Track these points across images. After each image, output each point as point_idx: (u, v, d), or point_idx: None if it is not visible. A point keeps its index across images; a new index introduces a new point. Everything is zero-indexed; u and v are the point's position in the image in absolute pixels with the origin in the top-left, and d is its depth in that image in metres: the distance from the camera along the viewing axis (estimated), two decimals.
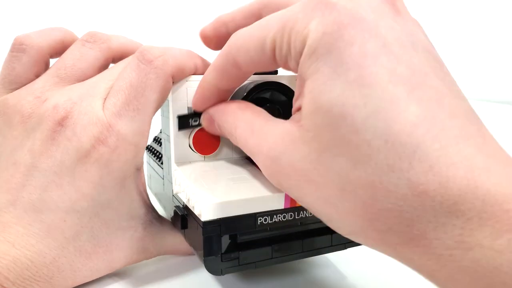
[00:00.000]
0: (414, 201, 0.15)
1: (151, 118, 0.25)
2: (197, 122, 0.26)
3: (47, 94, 0.25)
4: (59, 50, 0.27)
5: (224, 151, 0.27)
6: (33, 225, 0.23)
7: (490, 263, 0.14)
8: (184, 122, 0.26)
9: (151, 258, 0.28)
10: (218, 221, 0.21)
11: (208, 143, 0.26)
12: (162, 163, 0.30)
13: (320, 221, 0.21)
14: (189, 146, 0.26)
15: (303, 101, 0.18)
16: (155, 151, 0.35)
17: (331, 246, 0.24)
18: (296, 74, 0.19)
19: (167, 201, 0.29)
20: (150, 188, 0.36)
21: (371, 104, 0.16)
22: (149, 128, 0.25)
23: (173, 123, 0.26)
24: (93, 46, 0.26)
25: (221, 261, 0.22)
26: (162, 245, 0.28)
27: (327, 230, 0.24)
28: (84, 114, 0.24)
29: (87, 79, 0.26)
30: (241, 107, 0.23)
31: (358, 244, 0.24)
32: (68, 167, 0.23)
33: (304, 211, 0.23)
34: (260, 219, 0.22)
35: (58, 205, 0.23)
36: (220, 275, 0.22)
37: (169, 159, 0.27)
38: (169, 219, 0.29)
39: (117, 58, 0.28)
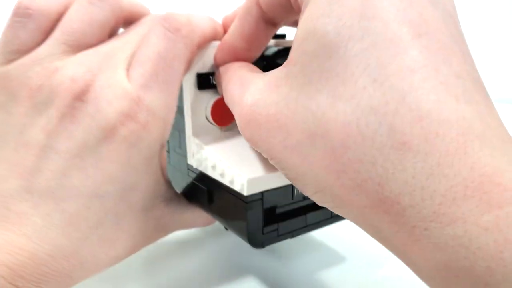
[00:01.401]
0: (391, 154, 0.13)
1: (178, 90, 0.23)
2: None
3: (58, 64, 0.21)
4: (65, 12, 0.23)
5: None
6: (52, 215, 0.20)
7: (473, 242, 0.12)
8: (204, 80, 0.24)
9: (169, 234, 0.27)
10: (260, 194, 0.21)
11: (226, 113, 0.24)
12: None
13: None
14: (206, 117, 0.25)
15: (296, 32, 0.17)
16: None
17: None
18: None
19: (176, 174, 0.28)
20: None
21: (369, 38, 0.14)
22: (176, 101, 0.23)
23: (189, 89, 0.24)
24: (103, 6, 0.22)
25: (262, 234, 0.22)
26: (180, 221, 0.27)
27: None
28: (107, 87, 0.21)
29: (96, 45, 0.23)
30: (241, 65, 0.22)
31: None
32: (91, 148, 0.20)
33: None
34: (297, 190, 0.22)
35: (81, 190, 0.20)
36: (261, 247, 0.22)
37: (180, 131, 0.26)
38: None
39: (127, 21, 0.25)
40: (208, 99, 0.25)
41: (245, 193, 0.21)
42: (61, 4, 0.23)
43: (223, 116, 0.25)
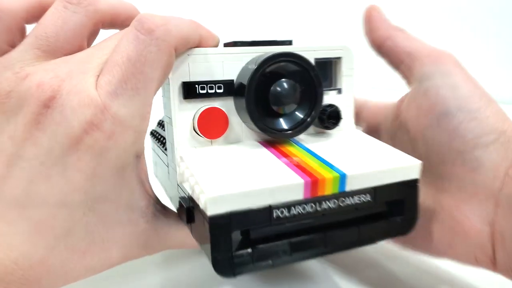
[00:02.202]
0: None
1: (152, 98, 0.22)
2: (205, 90, 0.23)
3: (28, 70, 0.21)
4: (36, 15, 0.23)
5: (234, 134, 0.24)
6: (17, 222, 0.20)
7: None
8: (190, 89, 0.23)
9: (155, 253, 0.25)
10: (227, 215, 0.18)
11: (215, 125, 0.23)
12: (166, 149, 0.28)
13: (345, 212, 0.20)
14: (194, 129, 0.23)
15: None
16: (159, 136, 0.32)
17: (358, 240, 0.22)
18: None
19: (173, 191, 0.27)
20: (157, 176, 0.34)
21: None
22: (150, 109, 0.22)
23: (174, 98, 0.23)
24: (77, 9, 0.22)
25: (233, 261, 0.19)
26: (166, 239, 0.25)
27: (353, 222, 0.22)
28: (74, 94, 0.20)
29: (73, 50, 0.22)
30: None
31: (388, 237, 0.24)
32: (57, 156, 0.20)
33: (327, 201, 0.20)
34: (276, 212, 0.19)
35: (47, 199, 0.20)
36: (232, 277, 0.20)
37: (172, 144, 0.24)
38: (176, 211, 0.26)
39: (107, 23, 0.24)
40: (195, 109, 0.23)
41: (208, 212, 0.18)
42: (28, 1, 0.23)
43: (211, 128, 0.23)
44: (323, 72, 0.27)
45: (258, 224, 0.19)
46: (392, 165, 0.22)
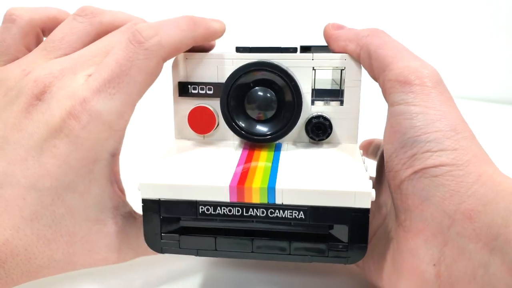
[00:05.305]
0: None
1: (135, 101, 0.23)
2: (196, 90, 0.26)
3: (31, 67, 0.24)
4: (51, 27, 0.27)
5: (226, 132, 0.26)
6: None
7: None
8: (184, 88, 0.26)
9: (127, 260, 0.25)
10: (156, 201, 0.21)
11: (203, 122, 0.26)
12: None
13: (284, 225, 0.21)
14: (187, 124, 0.26)
15: None
16: None
17: (289, 254, 0.22)
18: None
19: None
20: None
21: None
22: (131, 110, 0.23)
23: (173, 95, 0.26)
24: (83, 20, 0.26)
25: (161, 239, 0.22)
26: (138, 245, 0.25)
27: (286, 236, 0.22)
28: (62, 88, 0.22)
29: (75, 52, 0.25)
30: None
31: (326, 261, 0.22)
32: (36, 141, 0.22)
33: (255, 209, 0.21)
34: (202, 208, 0.21)
35: (20, 180, 0.22)
36: (160, 253, 0.23)
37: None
38: None
39: (108, 32, 0.26)
40: (188, 106, 0.26)
41: (141, 195, 0.21)
42: (45, 13, 0.27)
43: (199, 124, 0.26)
44: (323, 83, 0.26)
45: (186, 215, 0.21)
46: (336, 188, 0.21)
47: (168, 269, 0.29)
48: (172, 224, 0.22)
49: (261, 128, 0.25)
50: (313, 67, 0.25)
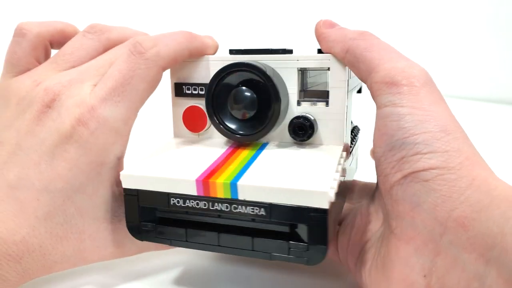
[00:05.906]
0: None
1: (138, 107, 0.26)
2: (190, 91, 0.28)
3: (42, 78, 0.26)
4: (60, 40, 0.29)
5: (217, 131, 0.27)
6: (6, 201, 0.23)
7: None
8: (179, 89, 0.28)
9: (132, 255, 0.27)
10: (135, 191, 0.23)
11: (195, 120, 0.28)
12: None
13: (247, 221, 0.22)
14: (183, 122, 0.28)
15: None
16: None
17: (253, 250, 0.22)
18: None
19: None
20: None
21: None
22: (135, 116, 0.26)
23: (171, 95, 0.28)
24: (92, 37, 0.28)
25: (140, 228, 0.24)
26: (140, 241, 0.26)
27: (249, 232, 0.22)
28: (71, 97, 0.24)
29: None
30: None
31: (288, 260, 0.22)
32: (48, 146, 0.24)
33: (219, 203, 0.22)
34: (173, 200, 0.23)
35: (34, 183, 0.23)
36: (140, 240, 0.24)
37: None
38: None
39: (115, 46, 0.29)
40: (184, 106, 0.28)
41: (123, 185, 0.24)
42: (54, 27, 0.28)
43: (192, 123, 0.28)
44: (305, 83, 0.26)
45: (160, 206, 0.23)
46: (294, 186, 0.20)
47: (169, 263, 0.30)
48: (149, 213, 0.24)
49: (243, 127, 0.26)
50: (298, 68, 0.26)
